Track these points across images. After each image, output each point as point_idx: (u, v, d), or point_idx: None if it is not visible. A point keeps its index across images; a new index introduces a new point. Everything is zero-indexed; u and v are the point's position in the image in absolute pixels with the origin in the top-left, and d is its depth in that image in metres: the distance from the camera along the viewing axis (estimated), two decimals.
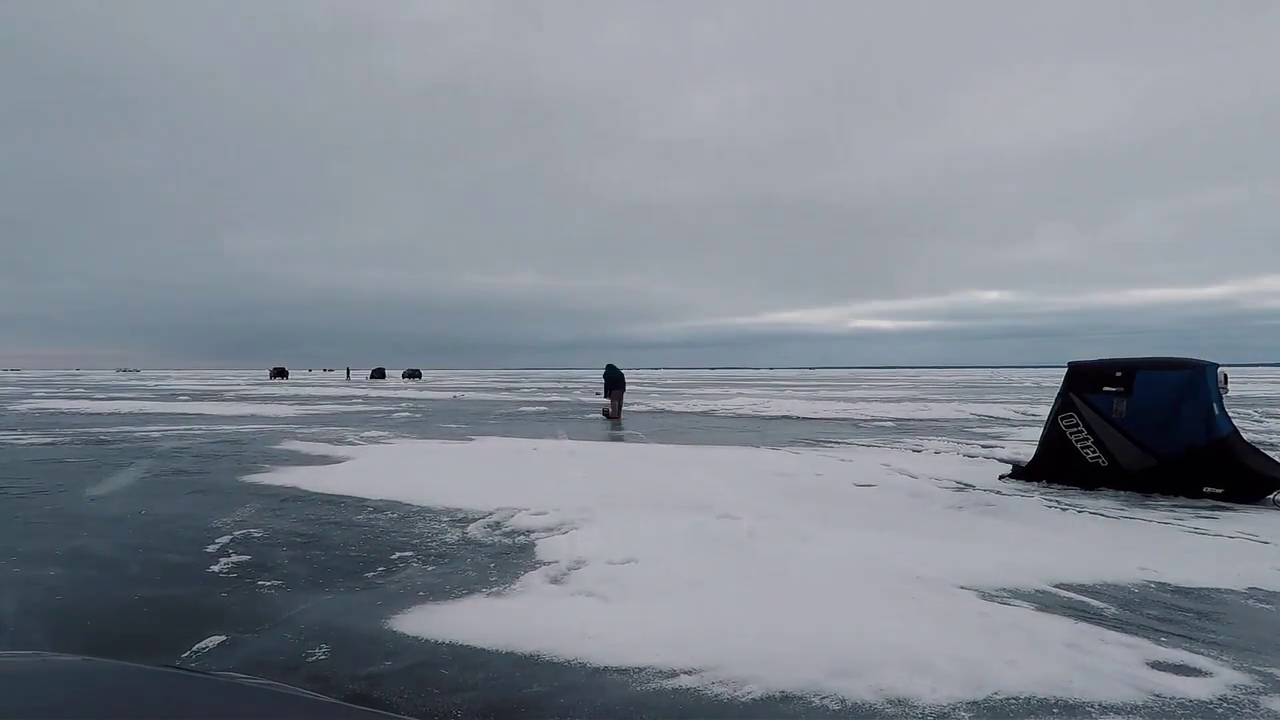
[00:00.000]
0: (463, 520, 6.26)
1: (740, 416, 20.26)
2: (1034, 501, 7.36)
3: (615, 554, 4.94)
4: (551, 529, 5.81)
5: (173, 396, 31.62)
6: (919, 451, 11.57)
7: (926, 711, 2.83)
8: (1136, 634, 3.65)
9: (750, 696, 2.96)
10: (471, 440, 13.24)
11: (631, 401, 27.40)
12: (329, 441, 12.76)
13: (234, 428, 15.82)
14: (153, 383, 56.81)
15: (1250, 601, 4.29)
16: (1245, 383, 45.75)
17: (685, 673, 3.15)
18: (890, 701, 2.91)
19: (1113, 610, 4.05)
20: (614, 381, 19.19)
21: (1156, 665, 3.27)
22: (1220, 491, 7.32)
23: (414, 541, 5.54)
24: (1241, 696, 2.98)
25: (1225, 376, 21.42)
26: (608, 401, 19.33)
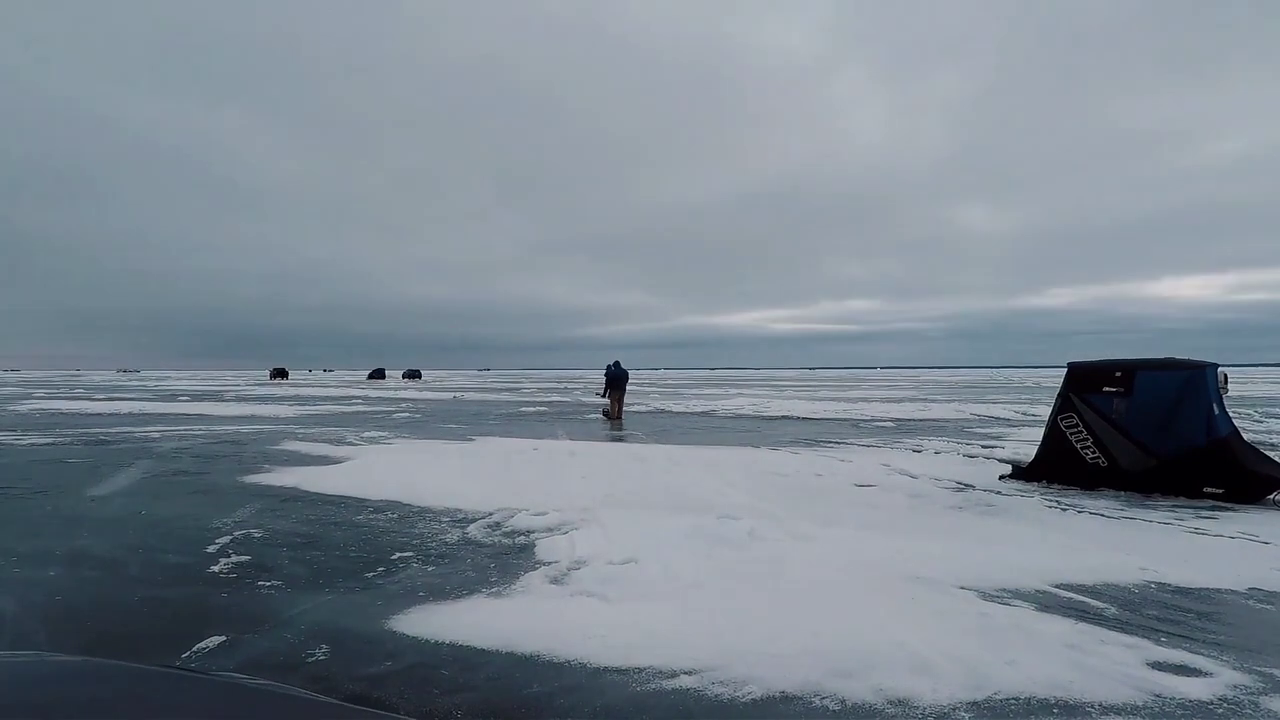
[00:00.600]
0: (463, 520, 6.26)
1: (740, 417, 20.26)
2: (1034, 502, 7.36)
3: (615, 554, 4.94)
4: (552, 529, 5.81)
5: (172, 397, 31.62)
6: (919, 452, 11.57)
7: (927, 712, 2.83)
8: (1137, 634, 3.65)
9: (750, 697, 2.96)
10: (472, 440, 13.24)
11: (631, 402, 27.40)
12: (329, 442, 12.76)
13: (234, 428, 15.83)
14: (152, 383, 56.81)
15: (1250, 602, 4.29)
16: (1245, 383, 45.76)
17: (685, 673, 3.15)
18: (890, 702, 2.91)
19: (1113, 610, 4.05)
20: (615, 380, 18.97)
21: (1157, 665, 3.27)
22: (1220, 492, 7.31)
23: (414, 542, 5.54)
24: (1242, 697, 2.98)
25: (1225, 377, 21.44)
26: (607, 401, 19.22)
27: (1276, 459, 8.01)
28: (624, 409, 19.92)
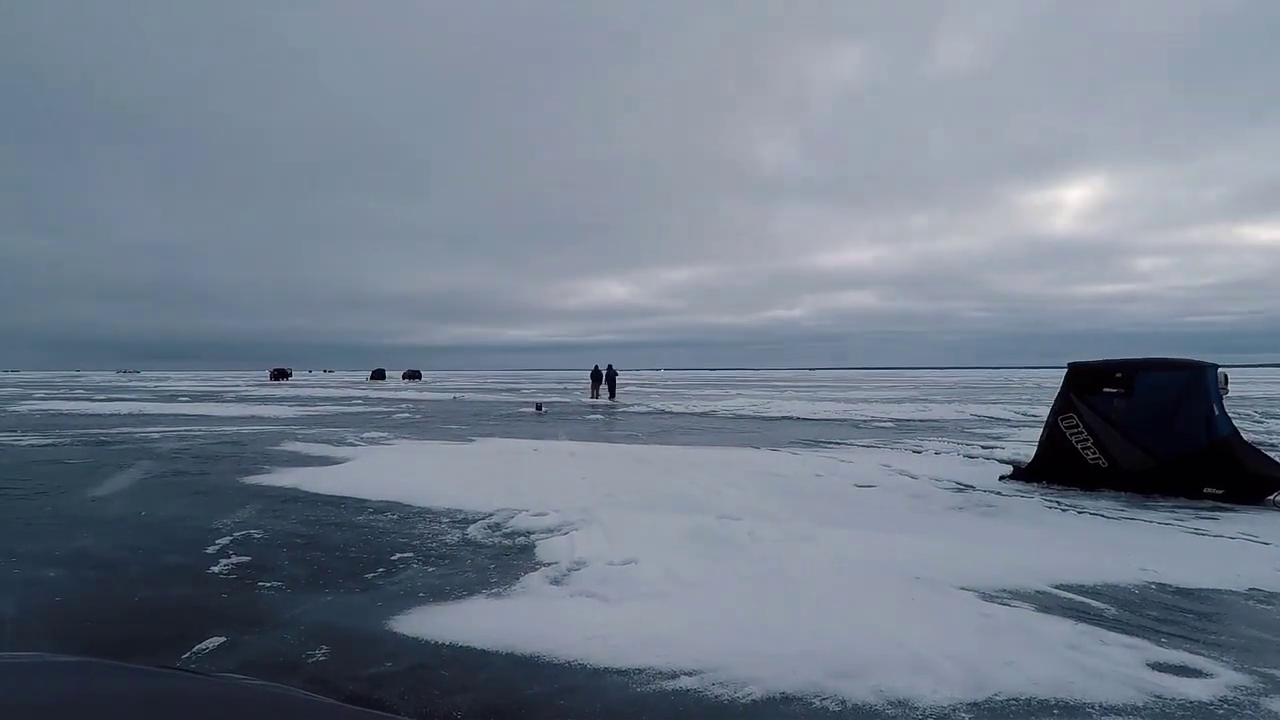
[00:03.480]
0: (463, 521, 6.26)
1: (740, 417, 20.25)
2: (1034, 502, 7.35)
3: (615, 555, 4.94)
4: (552, 530, 5.81)
5: (173, 398, 31.62)
6: (919, 452, 11.57)
7: (927, 712, 2.83)
8: (1137, 635, 3.65)
9: (751, 697, 2.96)
10: (472, 441, 13.23)
11: (631, 402, 27.41)
12: (329, 443, 12.76)
13: (234, 429, 15.82)
14: (153, 384, 56.82)
15: (1250, 602, 4.29)
16: (1245, 383, 45.75)
17: (686, 674, 3.15)
18: (891, 703, 2.91)
19: (1113, 611, 4.05)
20: (595, 376, 26.26)
21: (1157, 666, 3.27)
22: (1220, 492, 7.31)
23: (414, 542, 5.54)
24: (1242, 697, 2.98)
25: (1225, 377, 21.43)
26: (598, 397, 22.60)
27: (1277, 459, 8.01)
28: (626, 410, 20.04)
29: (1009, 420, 18.32)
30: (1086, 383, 8.19)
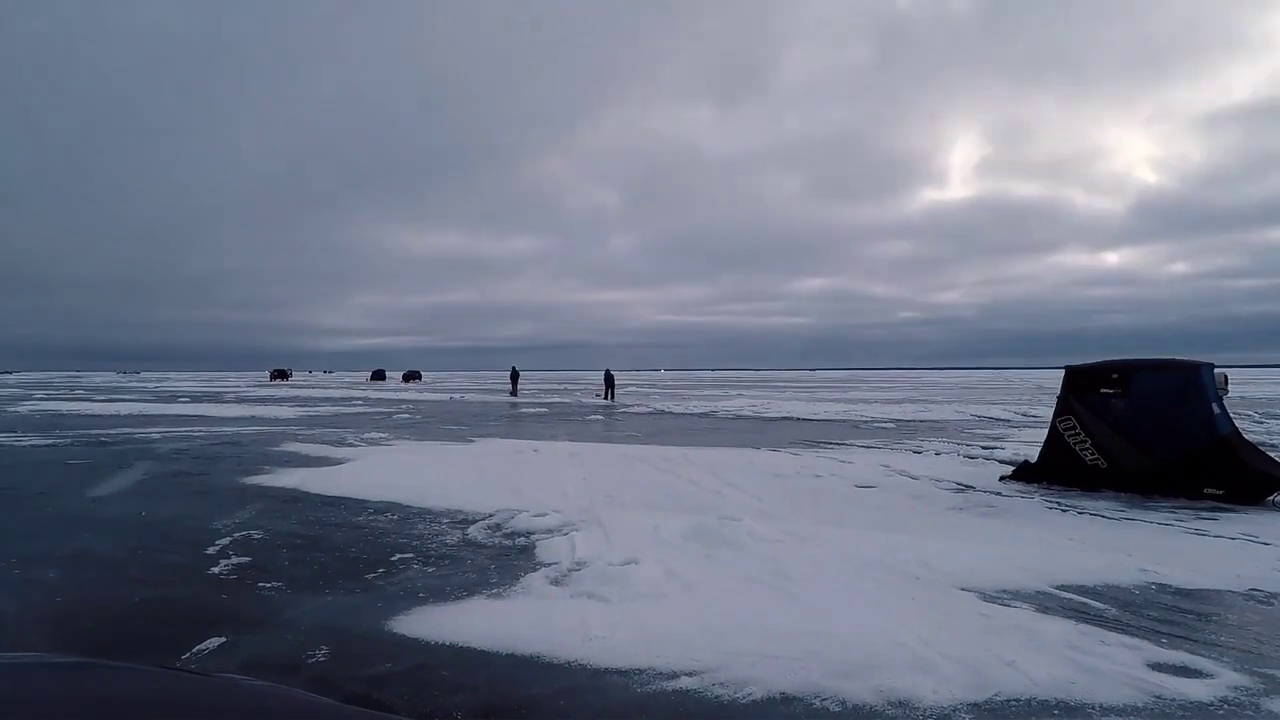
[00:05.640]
0: (463, 522, 6.26)
1: (740, 418, 20.25)
2: (1034, 503, 7.35)
3: (616, 555, 4.94)
4: (552, 530, 5.81)
5: (173, 398, 31.63)
6: (919, 453, 11.56)
7: (928, 713, 2.83)
8: (1137, 635, 3.65)
9: (751, 698, 2.96)
10: (472, 442, 13.23)
11: (631, 403, 27.42)
12: (329, 443, 12.77)
13: (234, 429, 15.83)
14: (153, 384, 56.83)
15: (1251, 603, 4.29)
16: (1245, 383, 45.74)
17: (686, 674, 3.15)
18: (891, 703, 2.91)
19: (1114, 611, 4.05)
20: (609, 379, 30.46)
21: (1157, 666, 3.26)
22: (1221, 493, 7.30)
23: (414, 543, 5.54)
24: (1243, 698, 2.98)
25: (1225, 377, 21.42)
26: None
27: (1277, 459, 8.01)
28: (625, 409, 20.04)
29: (1009, 421, 18.32)
30: (1083, 385, 8.18)
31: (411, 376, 69.58)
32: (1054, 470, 8.32)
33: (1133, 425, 7.74)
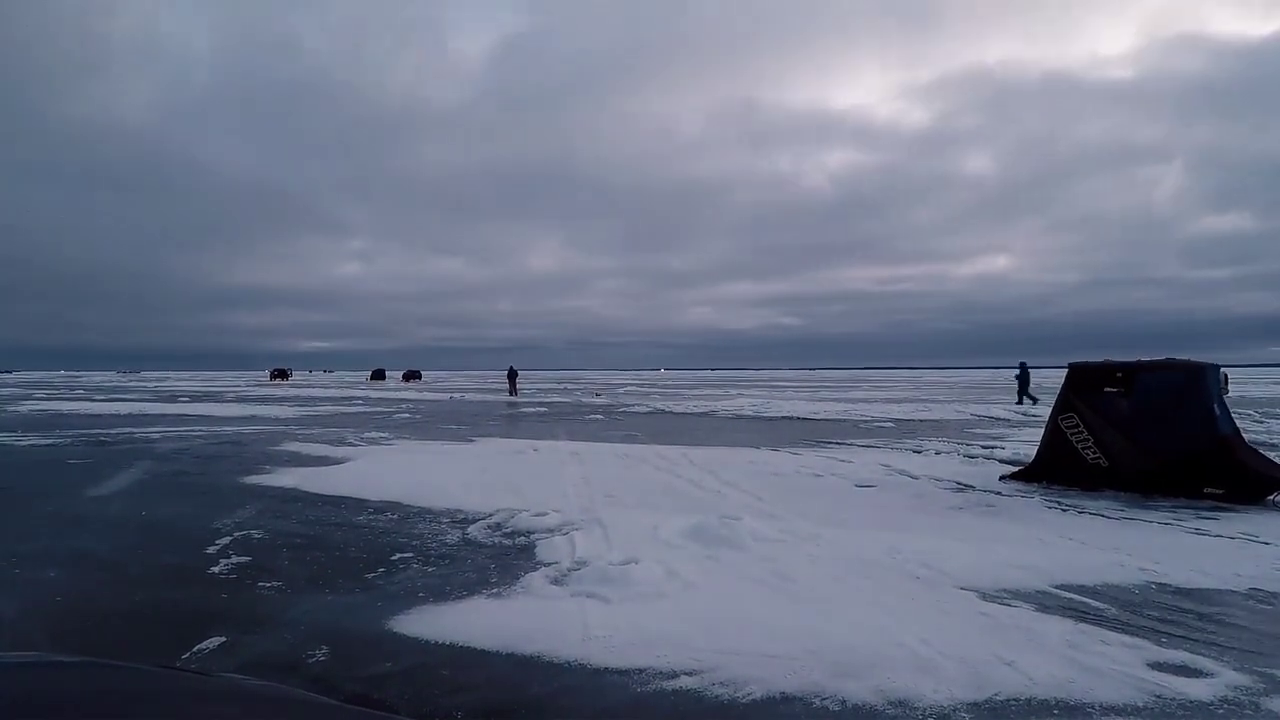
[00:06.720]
0: (463, 521, 6.26)
1: (741, 418, 20.25)
2: (1035, 502, 7.35)
3: (616, 555, 4.94)
4: (552, 530, 5.81)
5: (173, 398, 31.64)
6: (919, 452, 11.56)
7: (928, 712, 2.83)
8: (1138, 635, 3.65)
9: (751, 698, 2.96)
10: (472, 441, 13.24)
11: (631, 402, 27.43)
12: (329, 443, 12.77)
13: (234, 429, 15.83)
14: (153, 384, 56.84)
15: (1251, 602, 4.29)
16: (1246, 383, 45.75)
17: (686, 674, 3.15)
18: (891, 703, 2.91)
19: (1114, 611, 4.05)
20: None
21: (1158, 666, 3.26)
22: (1221, 492, 7.30)
23: (414, 543, 5.54)
24: (1243, 697, 2.98)
25: (1226, 378, 21.40)
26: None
27: (1277, 460, 8.01)
28: (626, 409, 20.00)
29: (1009, 420, 18.31)
30: (1087, 383, 8.18)
31: (411, 376, 69.54)
32: (1054, 469, 8.31)
33: (1135, 424, 7.73)
